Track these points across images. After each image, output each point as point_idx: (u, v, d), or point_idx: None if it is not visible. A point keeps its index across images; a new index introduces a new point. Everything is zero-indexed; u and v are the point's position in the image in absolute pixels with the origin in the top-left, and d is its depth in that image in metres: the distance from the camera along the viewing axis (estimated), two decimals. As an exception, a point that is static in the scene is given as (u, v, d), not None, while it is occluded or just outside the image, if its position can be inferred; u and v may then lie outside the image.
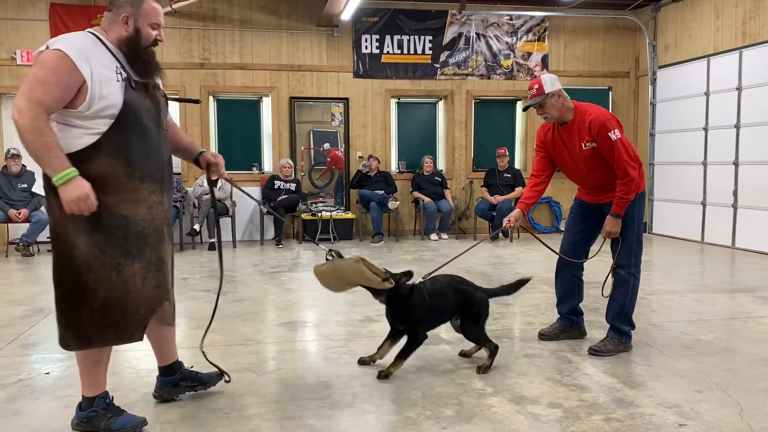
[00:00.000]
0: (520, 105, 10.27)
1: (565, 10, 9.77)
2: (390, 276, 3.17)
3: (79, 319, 2.42)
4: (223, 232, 8.72)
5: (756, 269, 6.60)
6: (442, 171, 9.90)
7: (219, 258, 2.99)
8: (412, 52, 9.75)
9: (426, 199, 9.25)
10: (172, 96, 2.87)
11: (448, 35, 9.83)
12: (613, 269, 3.65)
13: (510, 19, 9.97)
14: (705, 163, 8.71)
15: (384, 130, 9.79)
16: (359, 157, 9.64)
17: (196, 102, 3.42)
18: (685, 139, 9.07)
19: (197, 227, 8.27)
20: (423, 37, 9.76)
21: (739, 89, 8.09)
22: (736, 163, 8.16)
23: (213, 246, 8.22)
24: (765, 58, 7.72)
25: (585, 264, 3.84)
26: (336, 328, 4.24)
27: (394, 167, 9.96)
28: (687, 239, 8.96)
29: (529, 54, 10.08)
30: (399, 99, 9.98)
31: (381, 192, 8.98)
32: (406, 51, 9.73)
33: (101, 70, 2.36)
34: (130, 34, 2.45)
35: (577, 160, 3.59)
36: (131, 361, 3.46)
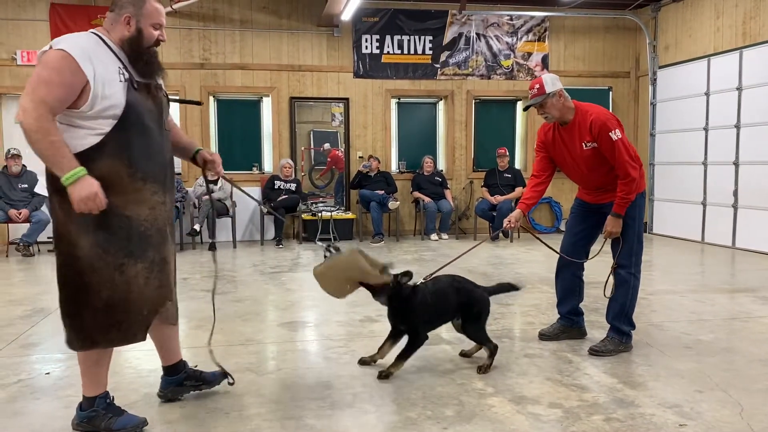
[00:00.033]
0: (520, 105, 10.27)
1: (566, 10, 9.77)
2: (386, 267, 3.17)
3: (83, 320, 2.43)
4: (224, 232, 8.74)
5: (756, 269, 6.59)
6: (442, 171, 9.90)
7: (213, 259, 2.99)
8: (412, 52, 9.75)
9: (426, 199, 9.25)
10: (173, 97, 2.88)
11: (448, 35, 9.83)
12: (614, 269, 3.65)
13: (510, 19, 9.97)
14: (705, 163, 8.71)
15: (384, 130, 9.80)
16: (359, 157, 9.64)
17: (198, 104, 3.42)
18: (686, 139, 9.07)
19: (197, 227, 8.27)
20: (423, 37, 9.76)
21: (740, 89, 8.09)
22: (736, 163, 8.16)
23: (213, 246, 8.22)
24: (765, 58, 7.72)
25: (585, 264, 3.84)
26: (336, 328, 4.24)
27: (394, 167, 9.96)
28: (687, 239, 8.96)
29: (530, 54, 10.08)
30: (399, 99, 9.99)
31: (381, 192, 8.98)
32: (406, 51, 9.73)
33: (104, 70, 2.36)
34: (132, 34, 2.45)
35: (578, 160, 3.59)
36: (131, 361, 3.46)
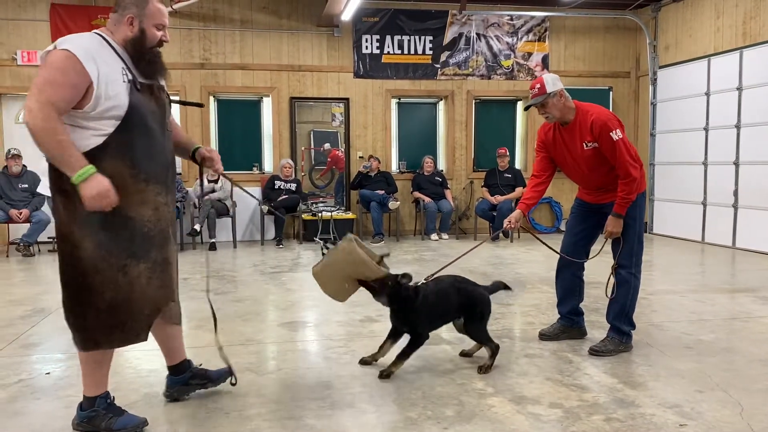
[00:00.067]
0: (520, 105, 10.27)
1: (566, 10, 9.77)
2: (383, 258, 3.17)
3: (86, 320, 2.43)
4: (224, 232, 8.73)
5: (756, 269, 6.59)
6: (442, 171, 9.90)
7: (206, 260, 2.99)
8: (412, 52, 9.75)
9: (426, 199, 9.25)
10: (175, 98, 2.88)
11: (448, 35, 9.83)
12: (614, 269, 3.65)
13: (510, 20, 9.97)
14: (705, 163, 8.71)
15: (384, 130, 9.79)
16: (359, 157, 9.64)
17: (199, 105, 3.43)
18: (686, 139, 9.07)
19: (198, 227, 8.27)
20: (423, 38, 9.75)
21: (740, 89, 8.09)
22: (736, 163, 8.16)
23: (213, 246, 8.22)
24: (765, 58, 7.72)
25: (585, 264, 3.84)
26: (336, 328, 4.24)
27: (394, 167, 9.96)
28: (687, 239, 8.96)
29: (530, 54, 10.08)
30: (399, 99, 9.98)
31: (381, 192, 8.99)
32: (406, 51, 9.73)
33: (108, 70, 2.36)
34: (135, 34, 2.46)
35: (579, 160, 3.59)
36: (132, 362, 3.47)
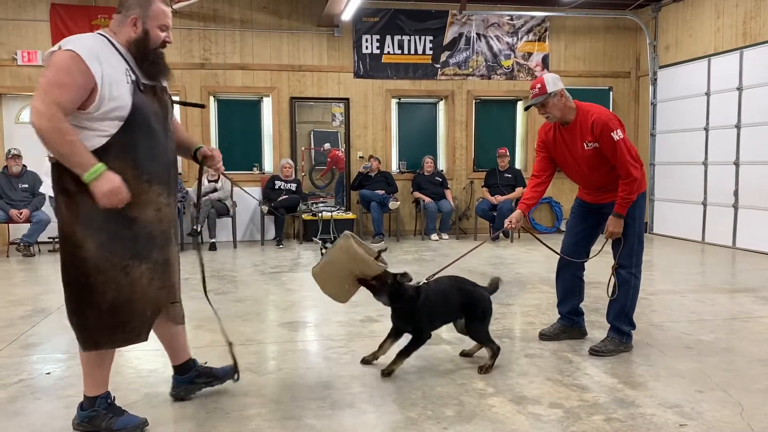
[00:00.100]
0: (520, 105, 10.27)
1: (566, 10, 9.77)
2: (381, 253, 3.17)
3: (87, 320, 2.43)
4: (224, 232, 8.74)
5: (757, 269, 6.59)
6: (442, 171, 9.89)
7: (198, 256, 2.96)
8: (412, 52, 9.75)
9: (426, 200, 9.25)
10: (176, 99, 2.88)
11: (448, 35, 9.83)
12: (615, 269, 3.65)
13: (510, 20, 9.97)
14: (706, 163, 8.71)
15: (384, 130, 9.80)
16: (360, 157, 9.64)
17: (201, 106, 3.44)
18: (686, 139, 9.07)
19: (198, 227, 8.26)
20: (423, 38, 9.76)
21: (740, 89, 8.09)
22: (736, 163, 8.16)
23: (214, 246, 8.23)
24: (766, 58, 7.72)
25: (586, 264, 3.84)
26: (337, 328, 4.24)
27: (394, 167, 9.96)
28: (688, 239, 8.96)
29: (530, 54, 10.08)
30: (399, 99, 9.99)
31: (382, 192, 8.99)
32: (406, 51, 9.73)
33: (112, 71, 2.37)
34: (139, 35, 2.47)
35: (579, 160, 3.59)
36: (132, 362, 3.47)
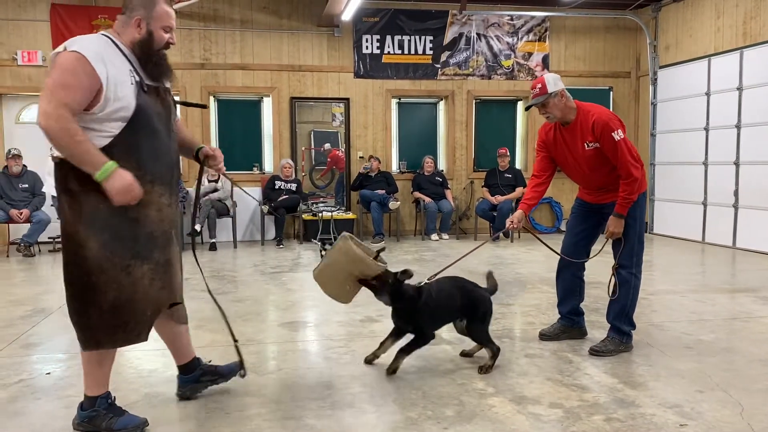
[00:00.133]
0: (520, 105, 10.27)
1: (566, 10, 9.77)
2: (380, 252, 3.17)
3: (89, 320, 2.44)
4: (224, 232, 8.74)
5: (757, 269, 6.59)
6: (442, 171, 9.89)
7: (194, 254, 2.95)
8: (412, 52, 9.75)
9: (427, 200, 9.25)
10: (178, 99, 2.88)
11: (448, 35, 9.83)
12: (615, 269, 3.65)
13: (511, 20, 9.97)
14: (706, 163, 8.71)
15: (385, 130, 9.80)
16: (360, 158, 9.64)
17: (202, 107, 3.43)
18: (686, 139, 9.07)
19: (198, 227, 8.27)
20: (424, 38, 9.75)
21: (740, 89, 8.09)
22: (737, 163, 8.16)
23: (214, 246, 8.23)
24: (766, 58, 7.72)
25: (586, 264, 3.84)
26: (337, 328, 4.24)
27: (394, 167, 9.96)
28: (688, 239, 8.96)
29: (530, 54, 10.08)
30: (400, 99, 9.99)
31: (382, 192, 8.99)
32: (406, 51, 9.73)
33: (116, 72, 2.37)
34: (143, 36, 2.47)
35: (580, 160, 3.59)
36: (132, 362, 3.47)
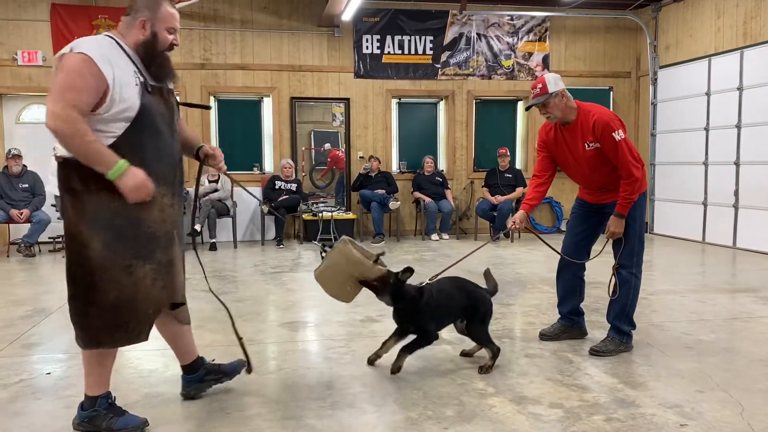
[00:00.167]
0: (521, 105, 10.28)
1: (566, 10, 9.77)
2: (380, 256, 3.17)
3: (90, 319, 2.44)
4: (224, 232, 8.74)
5: (757, 269, 6.59)
6: (443, 171, 9.89)
7: (195, 252, 2.95)
8: (412, 52, 9.75)
9: (427, 200, 9.25)
10: (181, 100, 2.89)
11: (448, 35, 9.83)
12: (615, 269, 3.65)
13: (511, 20, 9.97)
14: (706, 163, 8.71)
15: (385, 130, 9.80)
16: (360, 158, 9.64)
17: (206, 107, 3.43)
18: (686, 139, 9.07)
19: (198, 227, 8.27)
20: (424, 38, 9.76)
21: (740, 89, 8.09)
22: (737, 163, 8.16)
23: (214, 246, 8.23)
24: (766, 58, 7.72)
25: (586, 264, 3.84)
26: (337, 328, 4.24)
27: (394, 167, 9.96)
28: (688, 239, 8.96)
29: (530, 54, 10.08)
30: (400, 99, 9.99)
31: (382, 192, 8.99)
32: (406, 51, 9.73)
33: (121, 73, 2.38)
34: (147, 38, 2.48)
35: (580, 160, 3.59)
36: (132, 361, 3.47)
